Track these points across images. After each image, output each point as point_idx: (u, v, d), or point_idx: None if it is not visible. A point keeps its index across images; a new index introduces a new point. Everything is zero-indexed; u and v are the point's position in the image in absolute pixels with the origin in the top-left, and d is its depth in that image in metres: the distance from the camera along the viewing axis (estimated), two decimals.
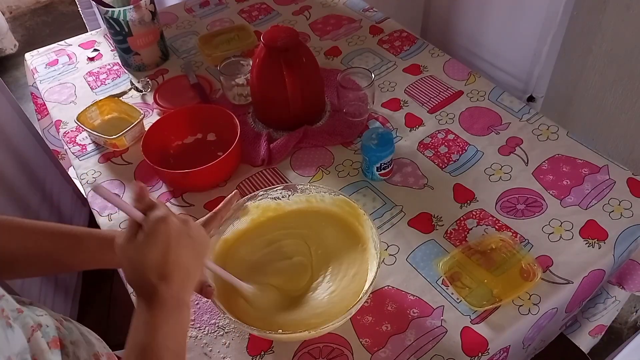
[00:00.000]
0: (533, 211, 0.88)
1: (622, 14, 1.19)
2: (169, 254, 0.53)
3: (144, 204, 0.55)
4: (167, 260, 0.53)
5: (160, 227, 0.53)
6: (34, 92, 1.31)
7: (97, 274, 1.63)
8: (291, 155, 1.02)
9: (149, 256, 0.52)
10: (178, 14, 1.43)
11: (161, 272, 0.53)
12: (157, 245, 0.53)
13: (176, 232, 0.54)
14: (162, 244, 0.53)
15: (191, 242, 0.56)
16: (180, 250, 0.54)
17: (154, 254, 0.52)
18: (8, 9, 3.02)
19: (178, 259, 0.54)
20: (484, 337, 0.73)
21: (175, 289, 0.53)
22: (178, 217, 0.56)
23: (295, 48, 0.97)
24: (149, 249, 0.52)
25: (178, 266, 0.54)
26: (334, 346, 0.74)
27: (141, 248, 0.53)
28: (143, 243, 0.53)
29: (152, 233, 0.53)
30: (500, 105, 1.07)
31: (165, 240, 0.53)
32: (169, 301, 0.53)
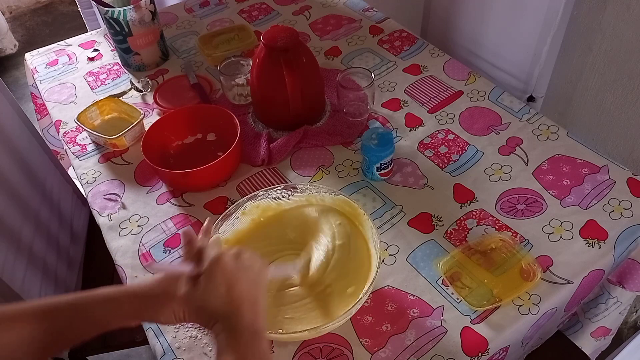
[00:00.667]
0: (533, 211, 0.88)
1: (622, 14, 1.19)
2: (231, 294, 0.56)
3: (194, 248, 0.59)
4: (232, 300, 0.56)
5: (216, 269, 0.57)
6: (34, 92, 1.31)
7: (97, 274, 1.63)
8: (291, 155, 1.02)
9: (214, 302, 0.56)
10: (178, 14, 1.43)
11: (230, 310, 0.56)
12: (218, 291, 0.56)
13: (232, 269, 0.58)
14: (222, 288, 0.56)
15: (248, 273, 0.59)
16: (240, 286, 0.58)
17: (217, 299, 0.56)
18: (8, 9, 3.02)
19: (241, 293, 0.57)
20: (484, 337, 0.73)
21: (247, 320, 0.56)
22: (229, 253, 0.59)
23: (295, 48, 0.97)
24: (212, 296, 0.56)
25: (243, 299, 0.57)
26: (334, 346, 0.74)
27: (204, 295, 0.56)
28: (204, 290, 0.56)
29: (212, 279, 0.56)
30: (500, 105, 1.07)
31: (223, 280, 0.57)
32: (245, 332, 0.55)
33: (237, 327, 0.55)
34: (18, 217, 1.28)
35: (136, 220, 0.93)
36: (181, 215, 0.93)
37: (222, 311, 0.56)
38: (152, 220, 0.93)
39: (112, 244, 0.90)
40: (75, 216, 1.63)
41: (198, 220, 0.92)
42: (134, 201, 0.96)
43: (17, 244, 1.25)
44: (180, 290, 0.58)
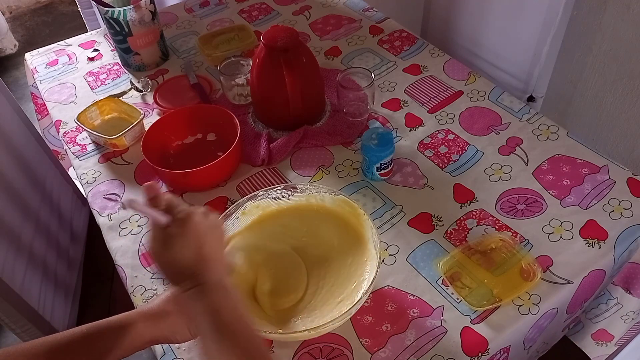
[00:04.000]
0: (533, 211, 0.88)
1: (622, 13, 1.19)
2: (202, 248, 0.56)
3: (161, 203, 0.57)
4: (203, 255, 0.56)
5: (188, 225, 0.56)
6: (34, 92, 1.31)
7: (97, 274, 1.63)
8: (291, 155, 1.02)
9: (186, 256, 0.55)
10: (178, 14, 1.43)
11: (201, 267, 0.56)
12: (191, 245, 0.55)
13: (202, 226, 0.57)
14: (195, 241, 0.56)
15: (216, 231, 0.60)
16: (210, 241, 0.57)
17: (189, 253, 0.55)
18: (8, 9, 3.02)
19: (211, 250, 0.57)
20: (484, 337, 0.73)
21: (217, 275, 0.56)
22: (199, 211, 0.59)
23: (295, 48, 0.97)
24: (184, 249, 0.55)
25: (212, 257, 0.57)
26: (334, 346, 0.74)
27: (176, 250, 0.55)
28: (176, 245, 0.55)
29: (182, 233, 0.55)
30: (500, 105, 1.07)
31: (196, 237, 0.56)
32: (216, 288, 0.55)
33: (208, 283, 0.55)
34: (18, 217, 1.28)
35: (136, 220, 0.93)
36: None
37: (192, 267, 0.55)
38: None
39: (112, 244, 0.90)
40: (75, 216, 1.63)
41: None
42: None
43: (17, 244, 1.25)
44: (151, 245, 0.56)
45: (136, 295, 0.83)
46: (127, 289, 0.84)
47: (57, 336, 0.58)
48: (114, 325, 0.61)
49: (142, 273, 0.85)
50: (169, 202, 0.57)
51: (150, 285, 0.83)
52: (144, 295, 0.82)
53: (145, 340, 0.62)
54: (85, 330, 0.60)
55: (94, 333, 0.60)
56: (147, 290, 0.83)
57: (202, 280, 0.55)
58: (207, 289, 0.55)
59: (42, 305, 1.31)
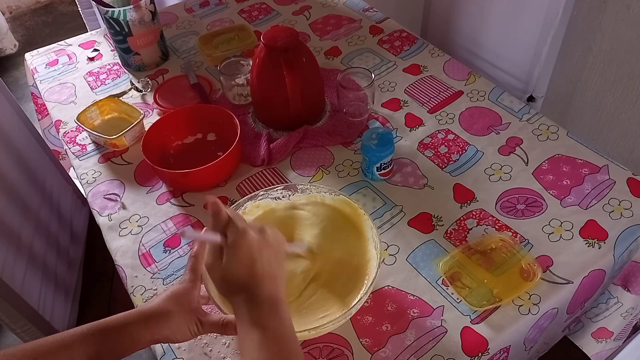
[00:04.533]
0: (533, 211, 0.88)
1: (622, 13, 1.19)
2: (255, 267, 0.57)
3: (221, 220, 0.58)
4: (255, 273, 0.57)
5: (242, 243, 0.57)
6: (34, 92, 1.31)
7: (97, 274, 1.63)
8: (291, 155, 1.02)
9: (238, 272, 0.57)
10: (178, 14, 1.43)
11: (252, 283, 0.57)
12: (242, 262, 0.57)
13: (256, 244, 0.58)
14: (246, 259, 0.57)
15: (271, 249, 0.60)
16: (264, 260, 0.58)
17: (241, 269, 0.57)
18: (8, 9, 3.02)
19: (264, 267, 0.58)
20: (484, 337, 0.73)
21: (268, 291, 0.57)
22: (254, 227, 0.60)
23: (295, 48, 0.97)
24: (236, 267, 0.57)
25: (264, 273, 0.58)
26: (334, 346, 0.74)
27: (228, 268, 0.57)
28: (229, 263, 0.57)
29: (235, 252, 0.57)
30: (500, 105, 1.07)
31: (248, 255, 0.57)
32: (266, 301, 0.57)
33: (258, 298, 0.57)
34: (18, 217, 1.28)
35: (136, 220, 0.93)
36: (181, 215, 0.93)
37: (243, 282, 0.57)
38: (152, 220, 0.93)
39: (112, 244, 0.90)
40: (75, 216, 1.63)
41: (198, 220, 0.92)
42: (134, 201, 0.96)
43: (17, 244, 1.25)
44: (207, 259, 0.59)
45: (136, 295, 0.83)
46: (127, 289, 0.84)
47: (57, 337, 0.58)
48: (114, 326, 0.61)
49: (142, 273, 0.85)
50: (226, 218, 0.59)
51: (150, 285, 0.84)
52: (144, 295, 0.82)
53: (145, 340, 0.62)
54: (85, 330, 0.60)
55: (94, 334, 0.60)
56: (147, 290, 0.83)
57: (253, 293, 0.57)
58: (257, 303, 0.56)
59: (42, 305, 1.31)
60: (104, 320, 0.61)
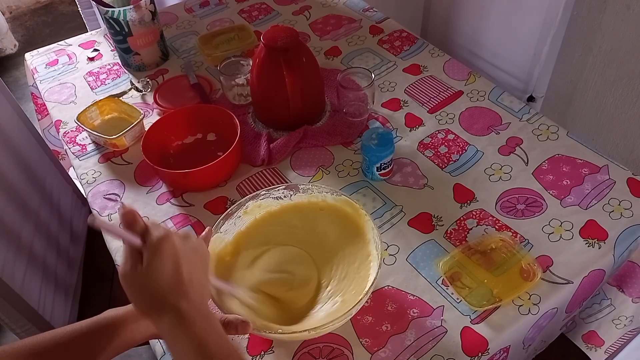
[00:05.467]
0: (533, 211, 0.88)
1: (622, 13, 1.19)
2: (181, 271, 0.52)
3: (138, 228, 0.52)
4: (181, 278, 0.52)
5: (165, 246, 0.51)
6: (34, 92, 1.31)
7: (97, 274, 1.63)
8: (291, 155, 1.02)
9: (162, 277, 0.51)
10: (178, 14, 1.43)
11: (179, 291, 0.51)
12: (167, 265, 0.51)
13: (181, 248, 0.53)
14: (171, 262, 0.51)
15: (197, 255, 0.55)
16: (190, 265, 0.53)
17: (165, 274, 0.51)
18: (8, 9, 3.02)
19: (190, 274, 0.53)
20: (484, 337, 0.73)
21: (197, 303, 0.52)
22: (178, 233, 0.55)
23: (295, 48, 0.97)
24: (160, 271, 0.51)
25: (191, 281, 0.53)
26: (334, 346, 0.74)
27: (150, 272, 0.50)
28: (151, 266, 0.50)
29: (158, 254, 0.51)
30: (500, 105, 1.07)
31: (173, 258, 0.52)
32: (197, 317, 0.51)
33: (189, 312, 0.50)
34: (18, 217, 1.28)
35: None
36: (181, 215, 0.93)
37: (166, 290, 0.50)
38: (152, 220, 0.92)
39: (112, 244, 0.90)
40: (75, 216, 1.63)
41: (198, 220, 0.92)
42: (134, 201, 0.96)
43: (17, 244, 1.25)
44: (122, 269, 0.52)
45: None
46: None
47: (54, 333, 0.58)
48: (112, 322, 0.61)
49: None
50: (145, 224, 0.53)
51: None
52: None
53: (144, 335, 0.62)
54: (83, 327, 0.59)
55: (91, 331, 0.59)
56: None
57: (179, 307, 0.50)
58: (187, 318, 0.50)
59: (42, 305, 1.31)
60: (102, 316, 0.61)
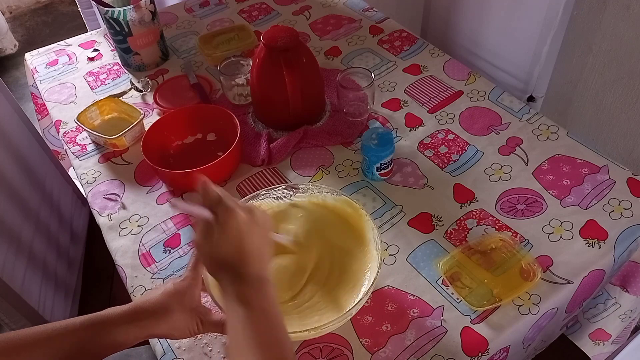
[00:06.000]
0: (533, 211, 0.88)
1: (622, 13, 1.19)
2: (243, 246, 0.58)
3: (210, 198, 0.60)
4: (243, 251, 0.58)
5: (231, 222, 0.58)
6: (34, 92, 1.31)
7: (97, 274, 1.63)
8: (291, 155, 1.02)
9: (226, 250, 0.58)
10: (178, 14, 1.43)
11: (239, 261, 0.58)
12: (231, 240, 0.58)
13: (244, 224, 0.59)
14: (235, 238, 0.58)
15: (258, 228, 0.61)
16: (252, 238, 0.59)
17: (229, 248, 0.58)
18: (8, 9, 3.02)
19: (250, 247, 0.59)
20: (484, 337, 0.73)
21: (255, 270, 0.59)
22: (243, 207, 0.61)
23: (295, 48, 0.97)
24: (225, 245, 0.58)
25: (252, 252, 0.59)
26: (334, 346, 0.74)
27: (217, 245, 0.58)
28: (218, 240, 0.58)
29: (224, 229, 0.58)
30: (500, 105, 1.07)
31: (237, 234, 0.58)
32: (252, 280, 0.58)
33: (245, 275, 0.58)
34: (18, 217, 1.28)
35: (136, 220, 0.93)
36: (181, 215, 0.93)
37: (230, 260, 0.58)
38: (152, 220, 0.93)
39: (112, 244, 0.90)
40: (75, 216, 1.63)
41: None
42: (134, 201, 0.96)
43: (17, 244, 1.25)
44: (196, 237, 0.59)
45: (136, 295, 0.83)
46: (127, 289, 0.84)
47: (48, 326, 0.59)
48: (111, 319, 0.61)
49: (142, 273, 0.85)
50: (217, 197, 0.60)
51: (150, 285, 0.84)
52: (144, 295, 0.82)
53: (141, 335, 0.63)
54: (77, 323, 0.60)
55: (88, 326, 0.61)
56: (147, 290, 0.83)
57: (239, 272, 0.58)
58: (243, 280, 0.57)
59: (42, 305, 1.31)
60: (98, 313, 0.61)
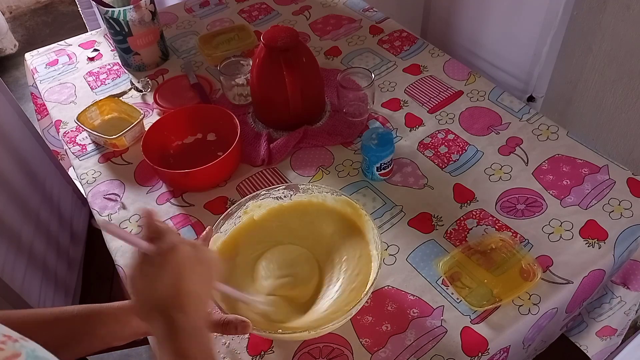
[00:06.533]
0: (533, 211, 0.88)
1: (622, 14, 1.19)
2: (181, 284, 0.53)
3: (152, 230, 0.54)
4: (180, 291, 0.52)
5: (171, 257, 0.53)
6: (34, 92, 1.31)
7: (97, 274, 1.63)
8: (291, 155, 1.02)
9: (161, 288, 0.52)
10: (178, 14, 1.43)
11: (175, 303, 0.52)
12: (168, 277, 0.52)
13: (187, 260, 0.54)
14: (174, 274, 0.52)
15: (202, 267, 0.56)
16: (193, 278, 0.54)
17: (165, 285, 0.52)
18: (8, 9, 3.02)
19: (190, 287, 0.53)
20: (484, 337, 0.73)
21: (192, 317, 0.53)
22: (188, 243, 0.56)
23: (295, 48, 0.97)
24: (161, 281, 0.52)
25: (191, 294, 0.53)
26: (334, 346, 0.74)
27: (152, 280, 0.52)
28: (154, 274, 0.52)
29: (163, 264, 0.52)
30: (500, 105, 1.07)
31: (176, 270, 0.53)
32: (187, 330, 0.52)
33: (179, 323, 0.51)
34: (18, 217, 1.28)
35: (136, 220, 0.93)
36: (181, 215, 0.93)
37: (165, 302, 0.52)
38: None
39: (112, 244, 0.90)
40: (75, 216, 1.63)
41: (198, 220, 0.92)
42: (134, 201, 0.96)
43: (17, 244, 1.25)
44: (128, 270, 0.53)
45: None
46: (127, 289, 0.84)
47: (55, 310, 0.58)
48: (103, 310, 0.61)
49: None
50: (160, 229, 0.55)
51: None
52: None
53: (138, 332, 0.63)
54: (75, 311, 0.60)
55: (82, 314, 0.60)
56: None
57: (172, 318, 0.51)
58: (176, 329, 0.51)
59: (42, 305, 1.31)
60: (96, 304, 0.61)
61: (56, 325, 0.58)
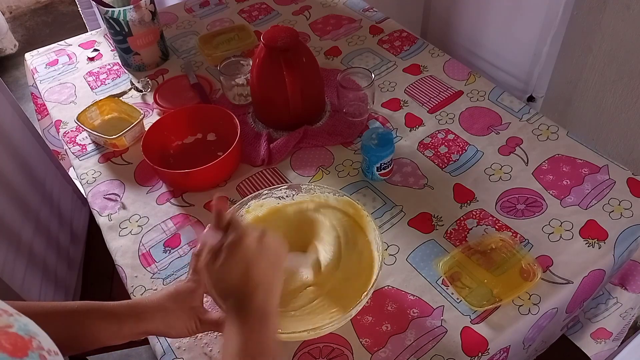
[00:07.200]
0: (533, 211, 0.88)
1: (622, 13, 1.19)
2: (248, 275, 0.57)
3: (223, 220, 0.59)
4: (248, 281, 0.57)
5: (239, 247, 0.57)
6: (34, 92, 1.31)
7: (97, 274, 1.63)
8: (291, 155, 1.02)
9: (230, 278, 0.57)
10: (178, 14, 1.43)
11: (244, 291, 0.57)
12: (236, 269, 0.57)
13: (252, 252, 0.57)
14: (241, 266, 0.57)
15: (269, 255, 0.59)
16: (259, 268, 0.58)
17: (234, 276, 0.57)
18: (8, 9, 3.02)
19: (257, 277, 0.57)
20: (484, 337, 0.73)
21: (258, 302, 0.57)
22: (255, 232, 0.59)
23: (295, 48, 0.97)
24: (230, 272, 0.57)
25: (258, 283, 0.57)
26: (334, 346, 0.74)
27: (222, 271, 0.57)
28: (223, 266, 0.57)
29: (230, 257, 0.57)
30: (500, 105, 1.07)
31: (243, 262, 0.57)
32: (254, 314, 0.56)
33: (248, 308, 0.56)
34: (18, 217, 1.28)
35: (136, 220, 0.93)
36: (181, 215, 0.93)
37: (236, 289, 0.57)
38: (152, 220, 0.93)
39: (112, 244, 0.90)
40: (75, 216, 1.63)
41: (198, 220, 0.92)
42: (134, 201, 0.96)
43: (17, 244, 1.25)
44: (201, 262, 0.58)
45: (136, 295, 0.83)
46: (127, 289, 0.84)
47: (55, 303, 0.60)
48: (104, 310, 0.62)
49: (142, 273, 0.85)
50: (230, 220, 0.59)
51: (150, 285, 0.84)
52: (144, 295, 0.82)
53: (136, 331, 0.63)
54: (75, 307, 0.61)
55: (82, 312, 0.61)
56: (147, 290, 0.83)
57: (245, 303, 0.56)
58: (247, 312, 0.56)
59: None
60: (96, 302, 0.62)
61: (55, 318, 0.59)
